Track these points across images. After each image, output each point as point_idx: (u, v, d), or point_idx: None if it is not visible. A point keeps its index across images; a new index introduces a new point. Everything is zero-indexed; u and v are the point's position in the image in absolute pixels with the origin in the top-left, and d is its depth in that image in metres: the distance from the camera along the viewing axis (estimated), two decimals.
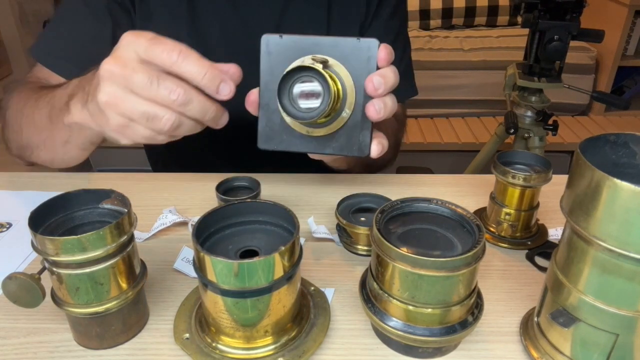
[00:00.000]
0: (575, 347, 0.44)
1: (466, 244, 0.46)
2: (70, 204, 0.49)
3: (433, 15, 2.58)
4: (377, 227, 0.46)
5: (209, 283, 0.44)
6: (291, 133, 0.53)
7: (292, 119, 0.51)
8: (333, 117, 0.51)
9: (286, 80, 0.48)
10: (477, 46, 2.35)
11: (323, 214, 0.70)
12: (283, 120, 0.52)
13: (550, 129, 1.52)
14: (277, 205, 0.49)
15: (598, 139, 0.43)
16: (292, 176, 0.81)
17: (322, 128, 0.52)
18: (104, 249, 0.44)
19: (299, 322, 0.50)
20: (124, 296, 0.48)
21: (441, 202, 0.50)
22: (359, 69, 0.50)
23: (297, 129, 0.53)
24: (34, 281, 0.45)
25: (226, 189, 0.66)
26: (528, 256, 0.62)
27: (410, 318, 0.46)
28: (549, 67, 1.46)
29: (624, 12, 2.24)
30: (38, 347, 0.50)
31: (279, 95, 0.48)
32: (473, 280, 0.46)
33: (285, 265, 0.44)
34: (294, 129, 0.53)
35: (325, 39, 0.51)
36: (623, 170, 0.43)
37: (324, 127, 0.52)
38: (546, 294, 0.46)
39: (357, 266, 0.61)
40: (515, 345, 0.50)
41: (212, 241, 0.48)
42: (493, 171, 0.63)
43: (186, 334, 0.49)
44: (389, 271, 0.45)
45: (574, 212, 0.41)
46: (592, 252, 0.40)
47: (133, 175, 0.82)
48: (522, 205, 0.62)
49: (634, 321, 0.40)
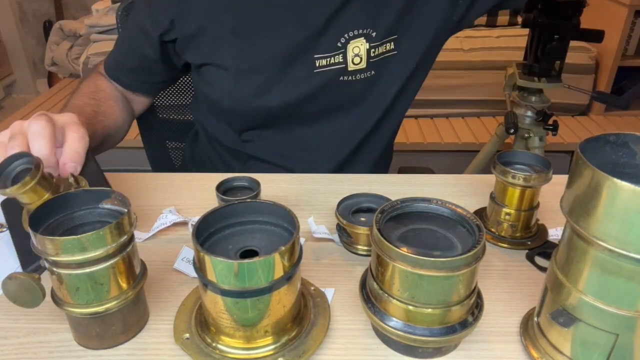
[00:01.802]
0: (575, 347, 0.44)
1: (466, 244, 0.46)
2: (70, 204, 0.49)
3: None
4: (377, 227, 0.46)
5: (209, 283, 0.44)
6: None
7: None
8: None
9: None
10: (477, 46, 2.35)
11: (323, 214, 0.70)
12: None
13: (550, 129, 1.52)
14: (277, 205, 0.49)
15: (598, 139, 0.43)
16: (292, 176, 0.81)
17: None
18: (104, 249, 0.44)
19: (299, 322, 0.50)
20: (124, 296, 0.48)
21: (441, 202, 0.50)
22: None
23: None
24: (34, 281, 0.45)
25: (226, 189, 0.66)
26: (528, 256, 0.62)
27: (410, 318, 0.46)
28: (549, 67, 1.46)
29: (624, 12, 2.23)
30: (38, 347, 0.50)
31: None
32: (473, 280, 0.46)
33: (285, 265, 0.44)
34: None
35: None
36: (623, 170, 0.43)
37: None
38: (546, 294, 0.46)
39: (357, 266, 0.61)
40: (515, 345, 0.50)
41: (212, 241, 0.48)
42: (493, 171, 0.63)
43: (186, 334, 0.49)
44: (389, 271, 0.45)
45: (574, 212, 0.41)
46: (592, 252, 0.40)
47: (133, 175, 0.81)
48: (522, 205, 0.62)
49: (634, 321, 0.40)
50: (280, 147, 0.91)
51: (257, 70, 0.83)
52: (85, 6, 3.18)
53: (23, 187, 0.49)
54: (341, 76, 0.84)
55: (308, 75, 0.83)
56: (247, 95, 0.85)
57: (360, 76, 0.85)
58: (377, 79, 0.86)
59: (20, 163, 0.53)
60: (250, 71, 0.83)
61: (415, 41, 0.86)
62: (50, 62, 2.69)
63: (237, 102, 0.86)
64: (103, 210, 0.50)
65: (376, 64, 0.84)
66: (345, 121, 0.89)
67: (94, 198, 0.50)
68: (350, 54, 0.82)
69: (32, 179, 0.49)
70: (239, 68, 0.83)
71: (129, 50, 0.92)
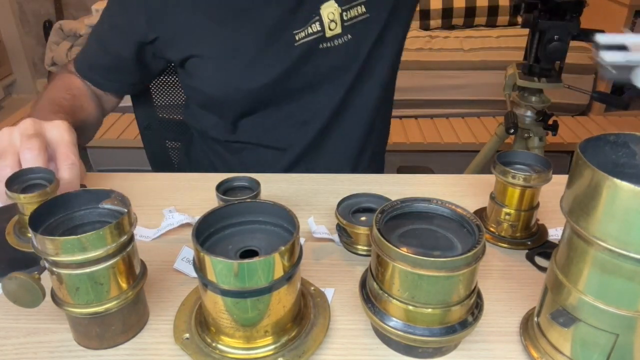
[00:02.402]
0: (575, 347, 0.44)
1: (466, 244, 0.46)
2: (70, 204, 0.49)
3: (433, 15, 2.59)
4: (377, 227, 0.46)
5: (209, 283, 0.44)
6: None
7: None
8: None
9: None
10: (477, 46, 2.35)
11: (323, 214, 0.70)
12: None
13: (550, 129, 1.52)
14: (277, 205, 0.49)
15: (598, 139, 0.43)
16: (292, 176, 0.81)
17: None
18: (104, 249, 0.44)
19: (299, 322, 0.50)
20: (124, 296, 0.48)
21: (441, 202, 0.50)
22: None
23: None
24: (34, 281, 0.45)
25: (226, 189, 0.66)
26: (528, 256, 0.62)
27: (410, 318, 0.46)
28: (549, 67, 1.46)
29: (624, 12, 2.24)
30: (38, 347, 0.50)
31: None
32: (473, 280, 0.46)
33: (285, 265, 0.44)
34: None
35: None
36: (623, 170, 0.43)
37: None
38: (546, 294, 0.46)
39: (357, 266, 0.61)
40: (515, 345, 0.50)
41: (212, 241, 0.48)
42: (493, 171, 0.63)
43: (186, 334, 0.49)
44: (389, 271, 0.45)
45: (574, 212, 0.41)
46: (592, 252, 0.40)
47: (133, 175, 0.82)
48: (522, 205, 0.62)
49: (634, 321, 0.40)
50: (272, 128, 0.93)
51: (240, 53, 0.86)
52: (85, 6, 3.18)
53: (37, 198, 0.54)
54: (320, 44, 0.87)
55: (289, 50, 0.86)
56: (233, 79, 0.87)
57: (338, 41, 0.87)
58: (355, 43, 0.88)
59: (34, 177, 0.58)
60: (234, 56, 0.86)
61: (382, 1, 0.89)
62: (50, 62, 2.69)
63: (225, 88, 0.88)
64: (103, 210, 0.50)
65: (351, 28, 0.87)
66: (331, 91, 0.91)
67: (94, 198, 0.50)
68: (325, 20, 0.86)
69: (50, 192, 0.55)
70: (222, 54, 0.86)
71: (101, 49, 0.92)
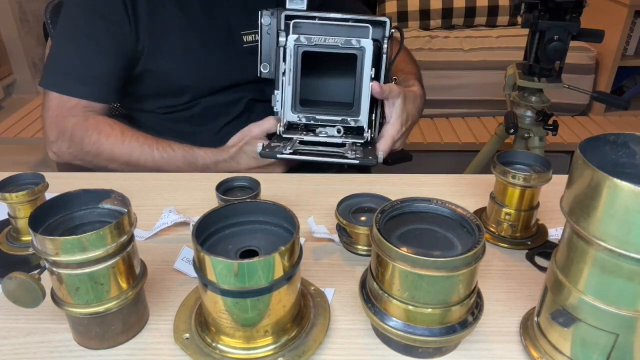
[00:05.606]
0: (575, 347, 0.44)
1: (466, 244, 0.46)
2: (70, 204, 0.49)
3: (433, 15, 2.58)
4: (377, 227, 0.46)
5: (209, 283, 0.44)
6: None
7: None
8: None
9: None
10: (477, 46, 2.35)
11: (323, 214, 0.70)
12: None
13: (550, 129, 1.51)
14: (277, 205, 0.49)
15: (598, 139, 0.43)
16: (292, 176, 0.81)
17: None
18: (104, 249, 0.44)
19: (299, 322, 0.50)
20: (124, 296, 0.48)
21: (441, 202, 0.50)
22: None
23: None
24: (34, 281, 0.45)
25: (226, 189, 0.66)
26: (528, 256, 0.62)
27: (410, 318, 0.46)
28: (549, 67, 1.45)
29: (624, 12, 2.23)
30: (38, 347, 0.50)
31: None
32: (473, 280, 0.46)
33: (285, 265, 0.44)
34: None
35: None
36: (623, 170, 0.43)
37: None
38: (546, 294, 0.46)
39: (357, 266, 0.61)
40: (515, 345, 0.50)
41: (212, 241, 0.48)
42: (493, 171, 0.63)
43: (186, 334, 0.49)
44: (389, 271, 0.45)
45: (574, 212, 0.41)
46: (592, 252, 0.40)
47: (133, 175, 0.82)
48: (522, 205, 0.62)
49: (633, 321, 0.40)
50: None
51: (200, 47, 0.93)
52: None
53: (25, 197, 0.57)
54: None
55: (237, 51, 0.96)
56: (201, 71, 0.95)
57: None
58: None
59: (23, 182, 0.61)
60: (195, 49, 0.94)
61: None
62: None
63: (195, 77, 0.95)
64: (103, 210, 0.50)
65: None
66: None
67: (94, 198, 0.50)
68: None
69: (38, 192, 0.58)
70: (186, 47, 0.93)
71: (98, 59, 0.91)
